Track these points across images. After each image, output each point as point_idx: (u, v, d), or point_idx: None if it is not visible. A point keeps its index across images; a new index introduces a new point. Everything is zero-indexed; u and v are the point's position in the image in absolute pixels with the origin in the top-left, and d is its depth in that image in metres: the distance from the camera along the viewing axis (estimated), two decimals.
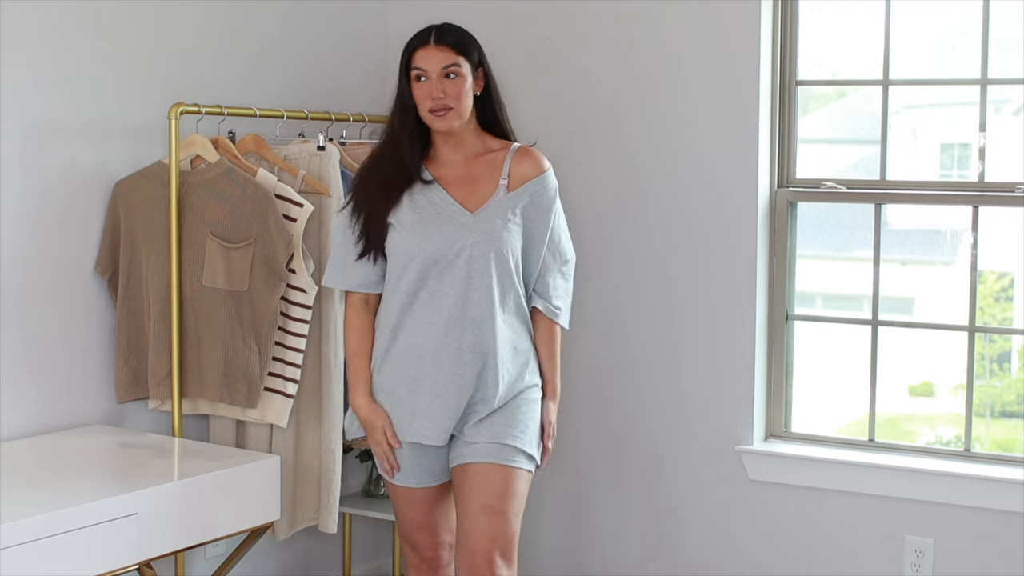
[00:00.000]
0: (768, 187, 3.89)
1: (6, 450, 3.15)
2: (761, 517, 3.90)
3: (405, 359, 2.98)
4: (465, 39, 3.00)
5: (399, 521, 3.13)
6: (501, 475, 2.95)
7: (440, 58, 2.94)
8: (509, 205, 2.98)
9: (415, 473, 3.04)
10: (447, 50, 2.95)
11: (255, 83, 3.88)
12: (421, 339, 2.97)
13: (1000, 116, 3.84)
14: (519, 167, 3.01)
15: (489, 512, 2.93)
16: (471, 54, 2.99)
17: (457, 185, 3.00)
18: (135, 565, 2.81)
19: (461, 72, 2.95)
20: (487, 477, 2.94)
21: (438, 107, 2.93)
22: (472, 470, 2.96)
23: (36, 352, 3.35)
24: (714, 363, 3.92)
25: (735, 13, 3.81)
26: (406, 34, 3.04)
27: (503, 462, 2.95)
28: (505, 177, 3.00)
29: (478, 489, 2.94)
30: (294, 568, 4.12)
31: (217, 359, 3.42)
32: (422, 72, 2.94)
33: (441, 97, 2.92)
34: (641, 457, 4.06)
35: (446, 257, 2.95)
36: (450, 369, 2.95)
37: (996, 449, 3.87)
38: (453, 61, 2.94)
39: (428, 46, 2.96)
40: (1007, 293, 4.49)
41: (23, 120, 3.28)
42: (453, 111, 2.94)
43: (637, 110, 3.99)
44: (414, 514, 3.08)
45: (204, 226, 3.42)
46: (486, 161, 3.03)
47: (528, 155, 3.04)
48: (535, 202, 3.01)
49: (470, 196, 2.99)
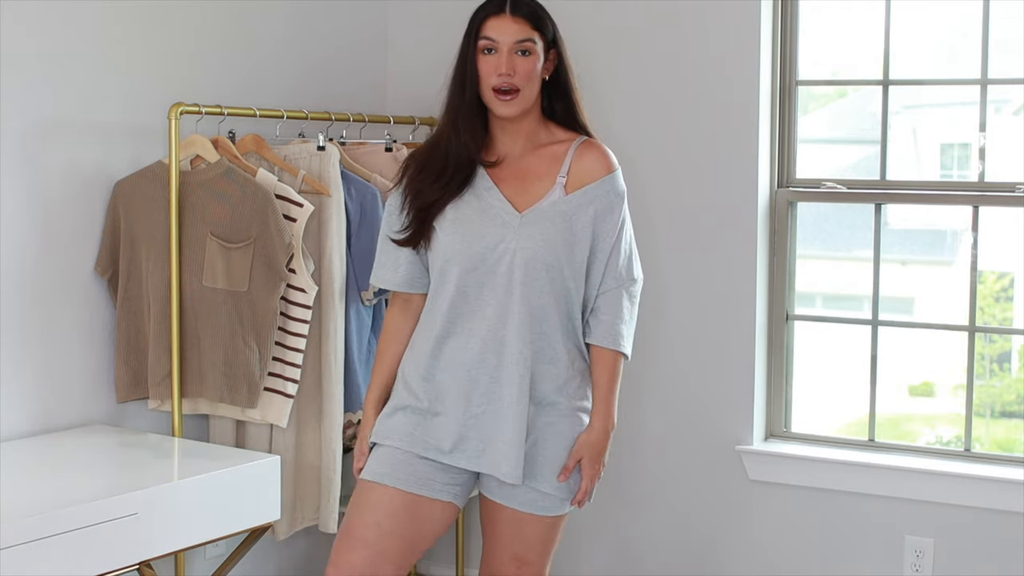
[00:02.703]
0: (768, 187, 3.89)
1: (6, 450, 3.15)
2: (761, 517, 3.90)
3: (446, 375, 2.71)
4: (541, 13, 2.70)
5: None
6: (537, 525, 2.74)
7: (515, 30, 2.63)
8: (564, 209, 2.66)
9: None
10: (523, 22, 2.64)
11: (255, 83, 3.88)
12: (460, 354, 2.68)
13: (1000, 116, 3.85)
14: (580, 163, 2.69)
15: (519, 563, 2.76)
16: (547, 31, 2.69)
17: (510, 180, 2.69)
18: (135, 565, 2.81)
19: (535, 50, 2.65)
20: (522, 527, 2.73)
21: (504, 85, 2.62)
22: (504, 517, 2.74)
23: (36, 352, 3.35)
24: (714, 363, 3.92)
25: (735, 13, 3.81)
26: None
27: (540, 512, 2.73)
28: (564, 175, 2.69)
29: (508, 537, 2.75)
30: (294, 568, 4.12)
31: (217, 359, 3.42)
32: (492, 44, 2.62)
33: (510, 75, 2.61)
34: (641, 457, 4.06)
35: (486, 263, 2.65)
36: (488, 389, 2.67)
37: (996, 449, 3.87)
38: (528, 36, 2.64)
39: (503, 15, 2.63)
40: (1007, 293, 4.50)
41: (23, 120, 3.28)
42: (519, 95, 2.63)
43: (637, 110, 3.99)
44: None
45: (204, 226, 3.42)
46: (547, 154, 2.72)
47: (593, 149, 2.72)
48: (598, 208, 2.68)
49: (522, 194, 2.68)
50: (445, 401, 2.70)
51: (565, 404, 2.73)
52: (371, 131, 3.93)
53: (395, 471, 2.72)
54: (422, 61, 4.15)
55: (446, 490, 2.73)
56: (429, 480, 2.71)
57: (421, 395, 2.72)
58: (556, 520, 2.77)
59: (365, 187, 3.60)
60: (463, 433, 2.69)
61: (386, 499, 2.71)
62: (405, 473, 2.71)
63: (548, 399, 2.70)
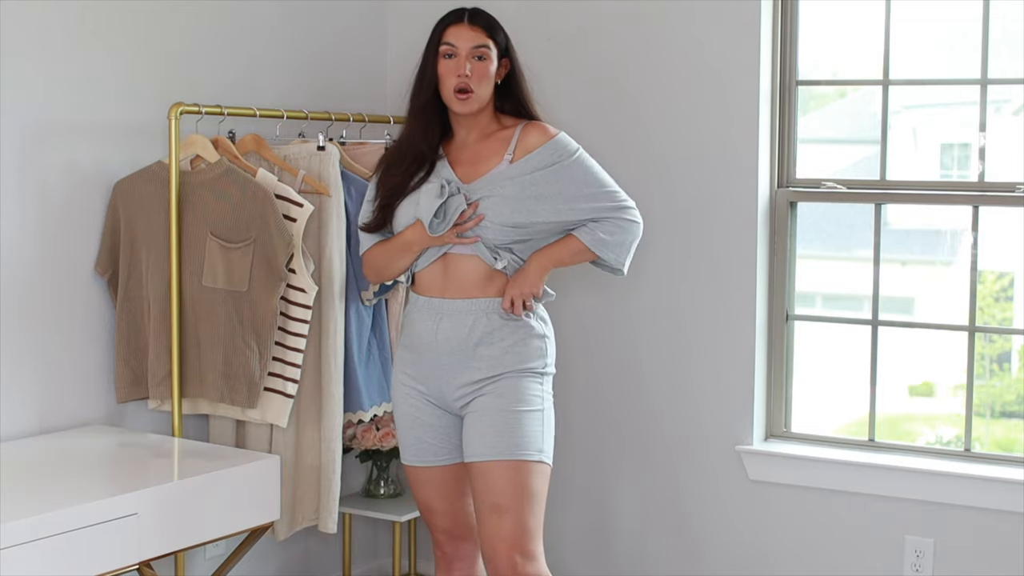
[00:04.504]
0: (768, 187, 3.89)
1: (6, 450, 3.15)
2: (761, 517, 3.90)
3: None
4: (495, 24, 3.07)
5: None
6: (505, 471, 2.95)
7: (472, 37, 3.01)
8: (509, 175, 3.00)
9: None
10: (479, 31, 3.02)
11: (255, 83, 3.88)
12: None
13: (1000, 116, 3.84)
14: (525, 139, 3.04)
15: (497, 511, 2.93)
16: (499, 40, 3.06)
17: (464, 163, 3.05)
18: (135, 565, 2.81)
19: (489, 55, 3.02)
20: (487, 476, 2.95)
21: (462, 86, 2.98)
22: (476, 469, 2.97)
23: (36, 352, 3.35)
24: (714, 363, 3.92)
25: (735, 13, 3.81)
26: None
27: (508, 457, 2.95)
28: (511, 152, 3.03)
29: (480, 491, 2.96)
30: (294, 568, 4.12)
31: (217, 359, 3.42)
32: (452, 49, 3.01)
33: (467, 76, 2.98)
34: (641, 457, 4.06)
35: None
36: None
37: (996, 449, 3.87)
38: (483, 42, 3.01)
39: (462, 24, 3.03)
40: (1007, 293, 4.50)
41: (23, 120, 3.28)
42: (474, 95, 2.99)
43: (637, 110, 3.99)
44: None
45: (204, 226, 3.42)
46: (496, 138, 3.07)
47: (534, 127, 3.07)
48: (547, 168, 3.02)
49: (473, 172, 3.04)
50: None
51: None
52: (371, 131, 3.93)
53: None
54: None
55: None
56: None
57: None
58: (518, 465, 2.93)
59: (365, 187, 3.60)
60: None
61: None
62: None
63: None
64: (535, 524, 2.95)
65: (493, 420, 2.96)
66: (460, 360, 3.00)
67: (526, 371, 3.01)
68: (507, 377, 2.99)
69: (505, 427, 2.95)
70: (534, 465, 2.96)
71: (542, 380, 3.05)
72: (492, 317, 3.00)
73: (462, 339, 2.99)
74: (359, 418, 3.64)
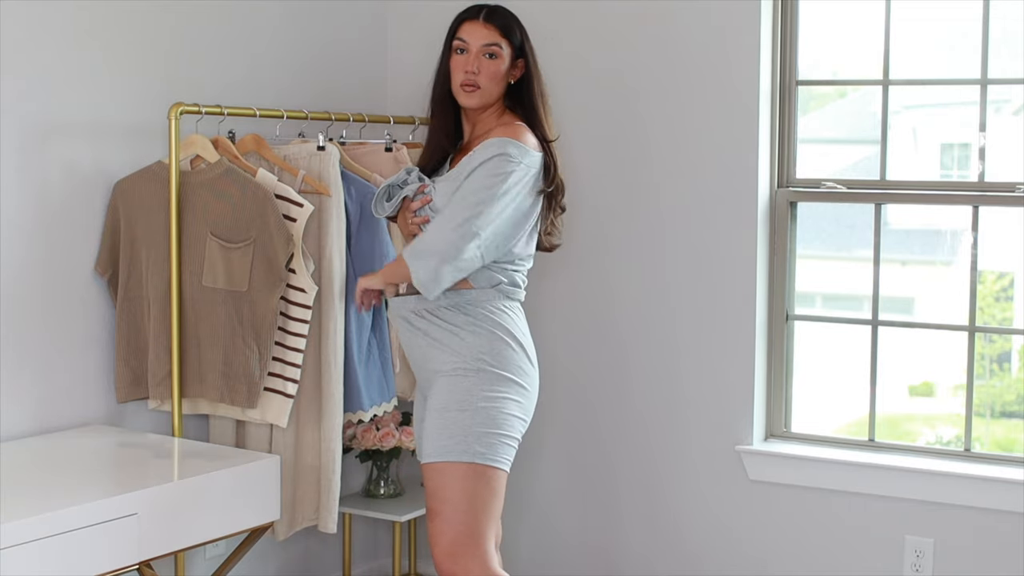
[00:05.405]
0: (768, 187, 3.89)
1: (6, 450, 3.15)
2: (761, 517, 3.90)
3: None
4: (512, 24, 3.08)
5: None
6: (430, 473, 3.00)
7: (484, 35, 3.03)
8: (454, 175, 3.01)
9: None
10: (493, 29, 3.04)
11: (255, 83, 3.88)
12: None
13: (1000, 116, 3.85)
14: (482, 140, 3.03)
15: (431, 515, 3.00)
16: (514, 40, 3.07)
17: (460, 157, 3.08)
18: (135, 565, 2.81)
19: (500, 54, 3.04)
20: (426, 481, 3.03)
21: (468, 82, 3.02)
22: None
23: (36, 352, 3.35)
24: (714, 363, 3.92)
25: (735, 13, 3.81)
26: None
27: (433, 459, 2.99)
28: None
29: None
30: (294, 568, 4.12)
31: (217, 359, 3.42)
32: (464, 45, 3.04)
33: (475, 72, 3.01)
34: (641, 457, 4.06)
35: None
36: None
37: (996, 449, 3.87)
38: (495, 41, 3.03)
39: (476, 21, 3.06)
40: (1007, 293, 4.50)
41: (23, 120, 3.28)
42: (480, 90, 3.02)
43: (637, 110, 3.99)
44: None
45: (204, 226, 3.42)
46: (484, 137, 3.07)
47: (508, 128, 3.02)
48: (472, 162, 2.98)
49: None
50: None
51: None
52: (371, 131, 3.93)
53: None
54: (422, 61, 4.14)
55: None
56: None
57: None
58: (443, 467, 2.93)
59: (365, 187, 3.60)
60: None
61: None
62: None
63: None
64: (467, 526, 2.92)
65: (428, 423, 3.01)
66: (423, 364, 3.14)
67: (455, 371, 2.98)
68: (440, 376, 3.01)
69: (432, 429, 2.98)
70: (463, 467, 2.92)
71: (477, 377, 2.96)
72: (429, 316, 3.04)
73: (419, 342, 3.08)
74: (359, 418, 3.64)
